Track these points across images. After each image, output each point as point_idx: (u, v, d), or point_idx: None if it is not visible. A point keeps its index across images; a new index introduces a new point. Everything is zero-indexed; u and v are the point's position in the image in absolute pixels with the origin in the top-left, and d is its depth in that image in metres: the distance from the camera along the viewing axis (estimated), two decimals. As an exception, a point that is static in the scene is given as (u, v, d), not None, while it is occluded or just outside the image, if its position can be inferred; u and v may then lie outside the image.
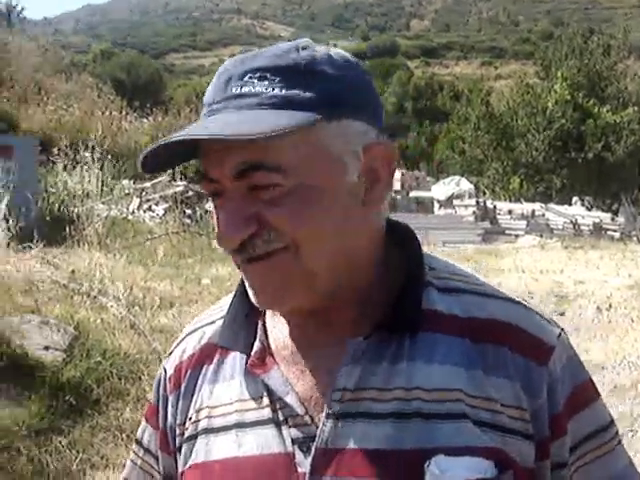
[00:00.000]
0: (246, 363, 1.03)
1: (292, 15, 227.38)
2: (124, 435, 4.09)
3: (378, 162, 0.99)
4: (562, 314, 7.47)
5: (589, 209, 22.38)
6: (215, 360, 1.09)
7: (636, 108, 27.79)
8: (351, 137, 0.96)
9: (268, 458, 0.99)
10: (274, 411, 1.00)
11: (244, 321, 1.06)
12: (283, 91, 0.92)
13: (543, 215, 18.98)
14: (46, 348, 4.68)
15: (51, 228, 8.40)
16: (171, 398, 1.12)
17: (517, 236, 16.98)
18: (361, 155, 0.97)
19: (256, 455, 0.99)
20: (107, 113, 19.43)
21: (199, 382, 1.09)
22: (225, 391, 1.06)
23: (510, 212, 18.76)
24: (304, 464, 0.96)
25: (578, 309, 7.80)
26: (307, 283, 0.95)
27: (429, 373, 0.96)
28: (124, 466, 1.21)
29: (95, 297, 5.70)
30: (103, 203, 9.97)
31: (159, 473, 1.17)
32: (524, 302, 1.06)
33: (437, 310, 1.01)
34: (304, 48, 0.96)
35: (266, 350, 1.03)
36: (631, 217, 20.61)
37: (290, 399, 0.99)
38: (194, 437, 1.06)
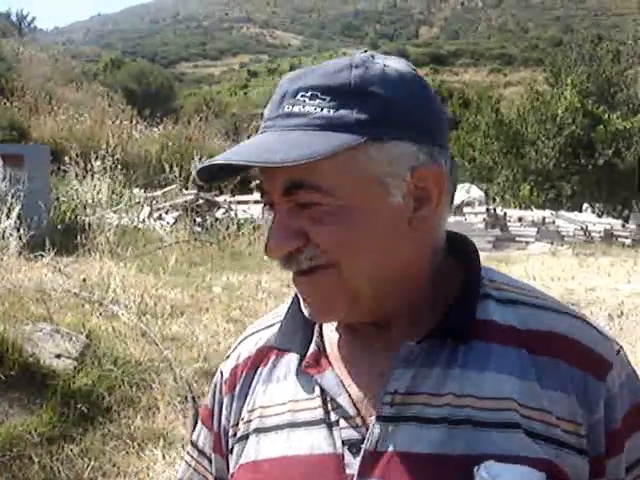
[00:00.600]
0: (300, 364, 1.06)
1: (301, 24, 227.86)
2: (135, 443, 4.09)
3: (429, 182, 0.99)
4: (573, 321, 7.44)
5: (600, 216, 22.28)
6: (270, 361, 1.12)
7: (646, 114, 27.69)
8: (396, 159, 0.97)
9: (318, 458, 1.00)
10: (326, 412, 1.02)
11: (301, 324, 1.09)
12: (331, 112, 0.94)
13: (553, 222, 18.91)
14: (58, 356, 4.69)
15: (62, 237, 8.43)
16: (225, 400, 1.16)
17: (528, 243, 16.92)
18: (407, 176, 0.97)
19: (306, 455, 1.00)
20: (117, 122, 19.49)
21: (253, 383, 1.12)
22: (279, 391, 1.08)
23: (520, 219, 18.68)
24: (353, 465, 0.97)
25: (590, 316, 7.77)
26: (351, 299, 0.98)
27: (482, 381, 0.97)
28: (135, 474, 1.22)
29: (106, 305, 5.72)
30: (114, 212, 10.01)
31: (212, 475, 1.20)
32: (583, 316, 1.07)
33: (494, 321, 1.01)
34: (357, 66, 0.97)
35: (321, 352, 1.06)
36: (642, 223, 20.51)
37: (342, 400, 1.00)
38: (246, 437, 1.08)
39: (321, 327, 1.08)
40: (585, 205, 23.69)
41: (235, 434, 1.11)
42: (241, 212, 12.73)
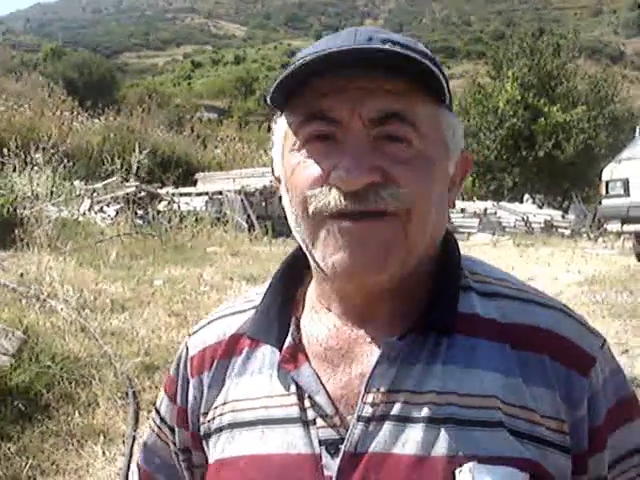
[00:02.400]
0: (278, 358, 1.02)
1: (246, 14, 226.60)
2: (75, 440, 4.03)
3: (460, 167, 1.02)
4: (513, 311, 7.56)
5: (540, 207, 22.69)
6: (244, 352, 1.07)
7: (585, 107, 28.23)
8: (456, 132, 1.00)
9: (294, 458, 0.96)
10: (302, 410, 0.98)
11: (278, 314, 1.04)
12: (426, 59, 0.93)
13: (495, 213, 19.19)
14: (-6, 353, 4.61)
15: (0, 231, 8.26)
16: (193, 381, 1.11)
17: (470, 234, 17.15)
18: (458, 154, 1.01)
19: (281, 454, 0.97)
20: (58, 113, 19.13)
21: (227, 373, 1.07)
22: (252, 385, 1.04)
23: (463, 210, 18.91)
24: (331, 467, 0.94)
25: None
26: (404, 255, 0.94)
27: (465, 378, 0.94)
28: (75, 471, 1.20)
29: (44, 300, 5.61)
30: (54, 205, 9.82)
31: (174, 444, 1.16)
32: (568, 309, 1.04)
33: (477, 314, 0.99)
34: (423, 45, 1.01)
35: (298, 346, 1.01)
36: (581, 214, 20.98)
37: (320, 398, 0.97)
38: (220, 430, 1.05)
39: (298, 320, 1.04)
40: (526, 196, 24.11)
41: (208, 423, 1.07)
42: (184, 204, 12.63)
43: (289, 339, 1.01)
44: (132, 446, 3.84)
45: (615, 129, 28.28)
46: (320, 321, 1.03)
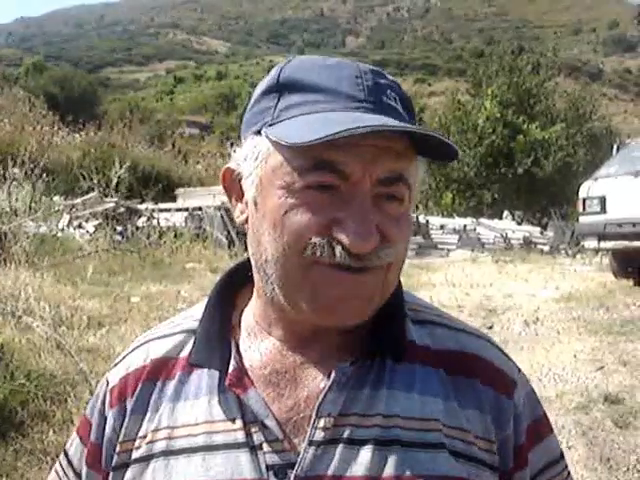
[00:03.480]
0: (219, 382, 1.00)
1: (228, 30, 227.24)
2: (49, 458, 4.00)
3: None
4: (490, 327, 7.58)
5: (519, 223, 22.84)
6: (177, 377, 1.04)
7: (564, 125, 28.50)
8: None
9: None
10: (248, 434, 0.97)
11: (217, 339, 1.03)
12: (409, 118, 0.97)
13: (475, 229, 19.30)
14: (-32, 370, 4.57)
15: (-23, 246, 8.20)
16: (112, 412, 1.07)
17: (449, 250, 17.23)
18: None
19: None
20: (38, 128, 19.05)
21: (154, 398, 1.04)
22: (189, 411, 1.01)
23: (442, 227, 19.00)
24: None
25: (506, 322, 7.93)
26: (378, 302, 0.97)
27: (408, 402, 0.97)
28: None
29: (20, 317, 5.57)
30: (32, 220, 9.76)
31: None
32: (488, 337, 1.10)
33: (413, 341, 1.02)
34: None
35: (241, 370, 1.00)
36: (560, 231, 21.09)
37: (269, 422, 0.96)
38: (148, 458, 1.01)
39: (237, 344, 1.04)
40: (505, 213, 24.24)
41: (129, 452, 1.03)
42: (163, 220, 12.58)
43: (232, 363, 1.00)
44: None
45: (593, 146, 28.56)
46: (260, 345, 1.03)
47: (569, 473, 1.11)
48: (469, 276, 11.68)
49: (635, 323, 7.43)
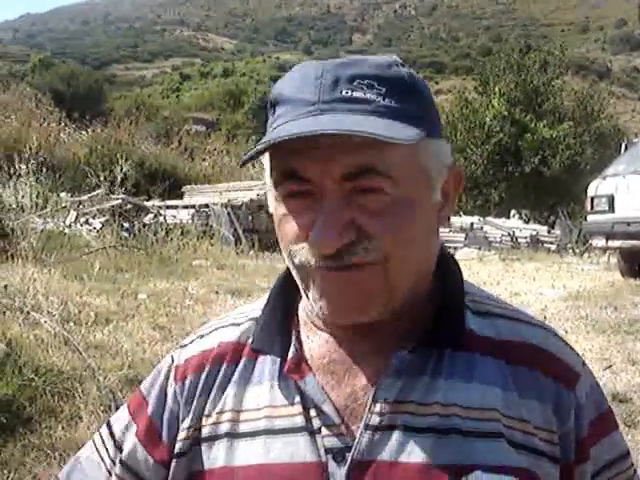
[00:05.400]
0: (280, 368, 1.03)
1: (235, 27, 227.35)
2: (57, 454, 4.01)
3: (450, 184, 1.03)
4: (498, 326, 7.56)
5: (526, 222, 22.77)
6: (242, 362, 1.07)
7: (572, 123, 28.44)
8: (442, 156, 1.00)
9: (299, 466, 0.97)
10: (307, 419, 0.99)
11: (278, 328, 1.06)
12: (393, 103, 0.92)
13: (481, 228, 19.25)
14: (-24, 366, 4.58)
15: (-16, 243, 8.21)
16: (174, 388, 1.10)
17: (456, 249, 17.18)
18: (445, 174, 1.01)
19: (286, 462, 0.98)
20: (45, 124, 19.08)
21: (219, 382, 1.07)
22: (253, 396, 1.04)
23: (449, 225, 18.97)
24: (337, 474, 0.96)
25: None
26: (386, 298, 0.96)
27: (467, 391, 0.98)
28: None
29: (28, 313, 5.58)
30: (39, 216, 9.78)
31: (112, 462, 1.12)
32: (552, 328, 1.10)
33: (473, 331, 1.03)
34: (402, 65, 0.98)
35: (301, 357, 1.02)
36: (567, 229, 21.05)
37: (327, 407, 0.98)
38: (212, 439, 1.04)
39: (299, 332, 1.06)
40: (512, 211, 24.19)
41: (196, 431, 1.06)
42: (170, 217, 12.60)
43: (292, 350, 1.03)
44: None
45: (601, 145, 28.50)
46: (317, 336, 1.06)
47: (635, 471, 1.10)
48: (476, 275, 11.65)
49: (643, 322, 7.41)
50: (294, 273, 1.00)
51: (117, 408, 4.36)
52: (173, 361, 1.14)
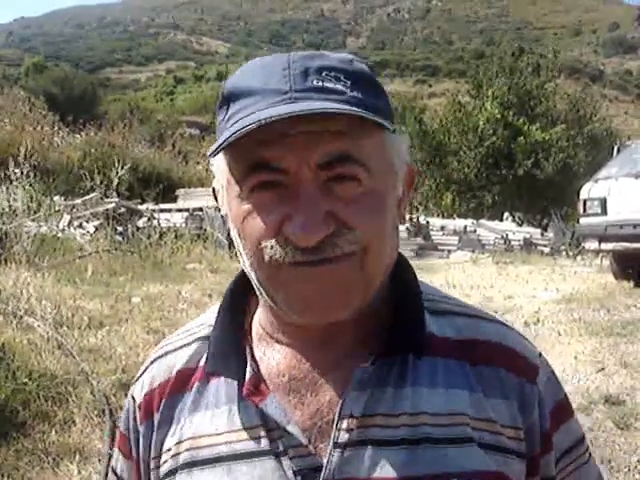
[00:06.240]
0: (239, 390, 0.99)
1: (229, 31, 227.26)
2: (50, 458, 4.01)
3: (406, 182, 1.02)
4: (491, 329, 7.57)
5: (520, 225, 22.82)
6: (194, 388, 1.04)
7: (564, 126, 28.50)
8: (403, 152, 0.99)
9: None
10: (272, 441, 0.95)
11: (232, 347, 1.02)
12: (360, 95, 0.91)
13: (475, 231, 19.29)
14: (-31, 370, 4.57)
15: (-23, 246, 8.20)
16: (142, 429, 1.07)
17: (450, 251, 17.22)
18: (404, 171, 1.00)
19: None
20: (39, 128, 19.05)
21: (177, 412, 1.04)
22: (210, 421, 1.00)
23: (443, 228, 19.00)
24: None
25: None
26: (363, 291, 0.93)
27: (434, 398, 0.96)
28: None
29: (21, 317, 5.58)
30: (32, 220, 9.76)
31: None
32: (506, 322, 1.09)
33: (433, 333, 1.01)
34: (360, 61, 0.97)
35: (259, 377, 0.99)
36: (560, 232, 21.08)
37: (292, 428, 0.94)
38: (174, 472, 1.01)
39: (252, 351, 1.02)
40: (506, 214, 24.23)
41: (158, 467, 1.04)
42: (163, 221, 12.58)
43: (249, 370, 0.99)
44: (108, 465, 3.81)
45: (594, 148, 28.56)
46: (274, 351, 1.02)
47: (590, 454, 1.11)
48: (469, 277, 11.67)
49: (636, 324, 7.43)
50: (256, 276, 0.95)
51: (110, 412, 4.36)
52: (135, 400, 1.10)
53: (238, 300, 1.08)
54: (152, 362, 1.12)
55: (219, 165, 0.97)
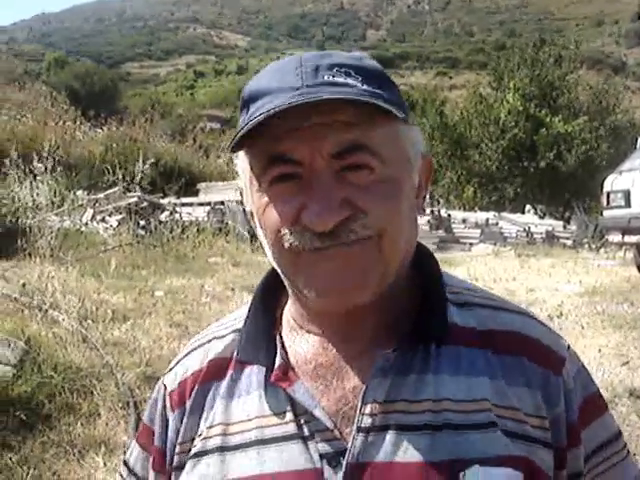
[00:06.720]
0: (266, 377, 1.03)
1: (248, 25, 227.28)
2: (76, 450, 4.04)
3: (423, 172, 1.06)
4: (514, 322, 7.53)
5: (542, 217, 22.65)
6: (228, 375, 1.08)
7: (587, 118, 28.23)
8: (416, 142, 1.03)
9: (294, 474, 0.97)
10: (299, 426, 0.99)
11: (263, 336, 1.06)
12: (372, 88, 0.94)
13: (497, 224, 19.17)
14: (-4, 363, 4.61)
15: (2, 240, 8.26)
16: (174, 415, 1.11)
17: (471, 244, 17.12)
18: (419, 161, 1.04)
19: (281, 472, 0.97)
20: (61, 123, 19.14)
21: (209, 398, 1.08)
22: (242, 407, 1.04)
23: (464, 221, 18.90)
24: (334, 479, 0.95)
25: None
26: (381, 274, 0.97)
27: (456, 385, 0.98)
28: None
29: (46, 311, 5.62)
30: (56, 214, 9.83)
31: None
32: (533, 314, 1.11)
33: (456, 323, 1.03)
34: (371, 58, 1.02)
35: (287, 364, 1.03)
36: (583, 225, 20.91)
37: (318, 413, 0.98)
38: (202, 454, 1.04)
39: (282, 339, 1.06)
40: (527, 207, 24.08)
41: (188, 451, 1.07)
42: (186, 215, 12.62)
43: (278, 358, 1.03)
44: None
45: (616, 140, 28.25)
46: (303, 340, 1.06)
47: (629, 452, 1.10)
48: (492, 270, 11.61)
49: (660, 318, 7.37)
50: (278, 264, 1.01)
51: (135, 405, 4.39)
52: (166, 388, 1.14)
53: (269, 294, 1.12)
54: (186, 354, 1.16)
55: (241, 164, 1.03)
